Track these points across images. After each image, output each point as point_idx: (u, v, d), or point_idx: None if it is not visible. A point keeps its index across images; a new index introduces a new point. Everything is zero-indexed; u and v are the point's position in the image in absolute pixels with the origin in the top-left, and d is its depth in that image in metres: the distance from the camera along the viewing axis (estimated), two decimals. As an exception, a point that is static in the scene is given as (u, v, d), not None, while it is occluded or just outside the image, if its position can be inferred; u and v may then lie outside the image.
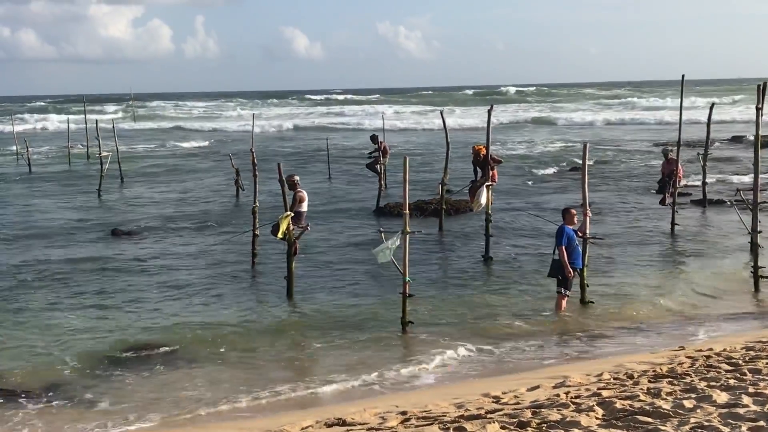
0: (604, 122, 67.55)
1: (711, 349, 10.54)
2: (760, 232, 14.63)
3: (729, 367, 9.20)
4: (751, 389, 7.82)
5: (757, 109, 14.25)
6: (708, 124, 22.93)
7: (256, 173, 17.14)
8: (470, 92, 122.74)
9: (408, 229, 12.11)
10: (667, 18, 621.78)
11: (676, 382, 8.60)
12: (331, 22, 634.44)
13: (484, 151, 18.51)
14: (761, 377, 8.44)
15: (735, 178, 29.12)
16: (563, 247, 12.94)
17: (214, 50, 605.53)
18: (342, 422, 8.27)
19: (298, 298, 14.72)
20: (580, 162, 16.69)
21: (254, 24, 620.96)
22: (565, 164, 36.17)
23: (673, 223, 19.77)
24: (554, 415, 7.36)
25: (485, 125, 18.73)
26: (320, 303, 14.49)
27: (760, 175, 14.64)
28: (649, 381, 8.91)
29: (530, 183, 30.52)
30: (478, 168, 19.00)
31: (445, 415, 8.08)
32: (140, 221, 23.62)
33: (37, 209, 26.38)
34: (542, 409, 7.80)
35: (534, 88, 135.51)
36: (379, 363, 11.36)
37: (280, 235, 14.74)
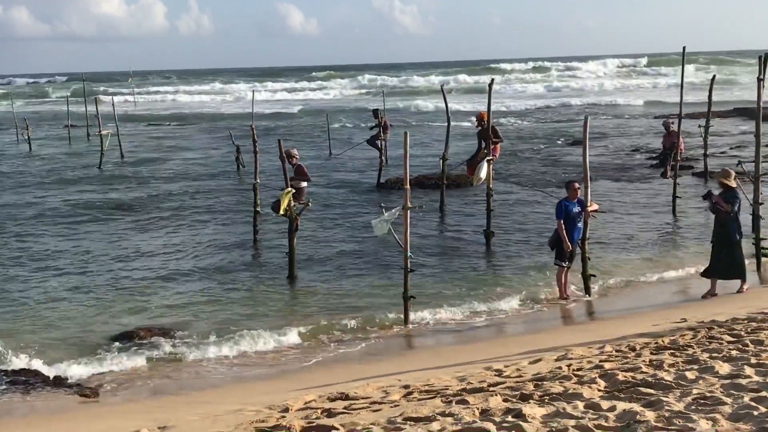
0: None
1: (713, 321, 10.55)
2: (761, 203, 14.58)
3: (731, 339, 9.21)
4: (753, 360, 7.81)
5: (759, 80, 14.19)
6: (709, 96, 22.80)
7: (257, 150, 17.07)
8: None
9: (409, 204, 12.08)
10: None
11: (678, 354, 8.61)
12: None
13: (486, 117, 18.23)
14: (763, 348, 8.44)
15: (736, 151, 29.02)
16: (561, 222, 12.92)
17: (209, 27, 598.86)
18: (345, 396, 8.30)
19: (299, 273, 14.71)
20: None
21: (248, 0, 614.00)
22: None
23: (674, 196, 19.71)
24: (556, 388, 7.37)
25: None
26: (321, 278, 14.52)
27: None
28: (651, 353, 8.93)
29: (538, 156, 30.50)
30: (482, 139, 18.80)
31: (447, 389, 8.10)
32: (140, 197, 23.60)
33: (37, 187, 26.33)
34: (544, 382, 7.82)
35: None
36: (381, 337, 11.49)
37: (281, 211, 14.71)
